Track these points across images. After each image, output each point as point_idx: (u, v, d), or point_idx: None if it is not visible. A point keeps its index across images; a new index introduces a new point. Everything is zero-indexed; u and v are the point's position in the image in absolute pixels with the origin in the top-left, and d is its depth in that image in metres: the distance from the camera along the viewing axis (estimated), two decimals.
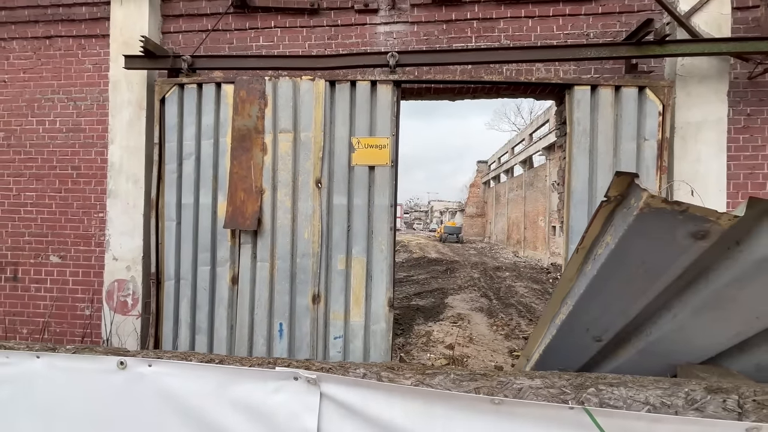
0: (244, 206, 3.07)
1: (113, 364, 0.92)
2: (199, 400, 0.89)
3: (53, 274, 3.66)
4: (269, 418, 0.86)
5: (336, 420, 0.86)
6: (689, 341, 0.95)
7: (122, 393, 0.91)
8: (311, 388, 0.86)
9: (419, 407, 0.84)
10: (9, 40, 3.75)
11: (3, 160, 3.74)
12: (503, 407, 0.81)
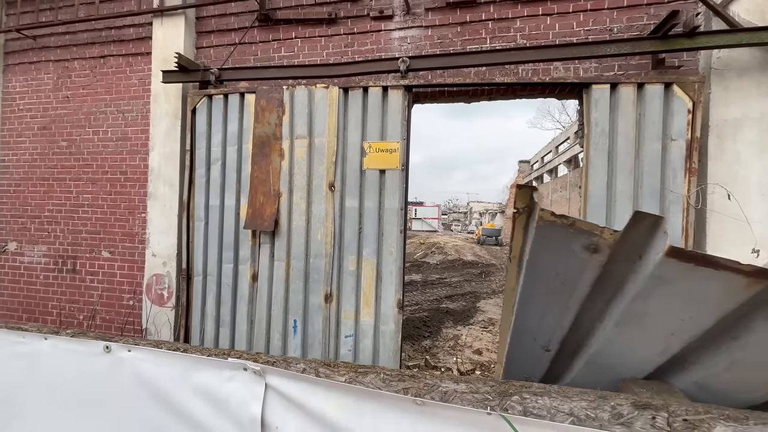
0: (263, 208, 3.26)
1: (100, 348, 1.07)
2: (167, 383, 1.01)
3: (104, 267, 4.11)
4: (223, 403, 0.96)
5: (278, 409, 0.93)
6: (623, 355, 0.91)
7: (107, 372, 1.05)
8: (258, 378, 0.95)
9: (351, 403, 0.90)
10: (71, 60, 4.27)
11: (66, 166, 4.26)
12: (426, 408, 0.84)
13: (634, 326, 0.85)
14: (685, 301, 0.79)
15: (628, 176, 2.71)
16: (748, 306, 0.77)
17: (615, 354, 0.89)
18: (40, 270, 4.31)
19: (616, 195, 2.72)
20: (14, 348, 1.13)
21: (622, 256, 0.85)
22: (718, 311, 0.79)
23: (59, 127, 4.29)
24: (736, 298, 0.77)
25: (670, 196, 2.65)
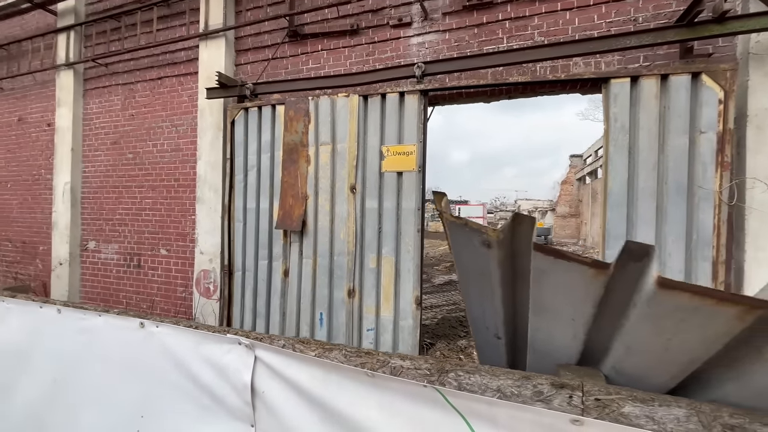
0: (292, 210, 3.55)
1: (137, 324, 1.34)
2: (183, 353, 1.25)
3: (162, 263, 4.68)
4: (223, 370, 1.18)
5: (264, 376, 1.13)
6: (550, 342, 0.95)
7: (141, 343, 1.32)
8: (249, 351, 1.15)
9: (320, 374, 1.07)
10: (135, 83, 4.90)
11: (131, 175, 4.90)
12: (377, 380, 0.98)
13: (545, 313, 0.92)
14: (563, 290, 0.84)
15: (650, 172, 2.60)
16: (610, 294, 0.81)
17: (544, 341, 0.95)
18: (113, 265, 5.01)
19: (638, 192, 2.62)
20: (78, 323, 1.45)
21: (512, 251, 0.92)
22: (591, 299, 0.83)
23: (126, 141, 4.95)
24: (593, 287, 0.81)
25: (699, 192, 2.51)
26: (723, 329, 0.71)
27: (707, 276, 2.48)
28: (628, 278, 0.85)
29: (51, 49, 5.41)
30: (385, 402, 0.96)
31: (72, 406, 1.43)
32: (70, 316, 1.45)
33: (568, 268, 0.81)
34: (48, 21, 5.44)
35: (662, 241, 2.58)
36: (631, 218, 2.65)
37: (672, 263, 2.55)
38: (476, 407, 0.87)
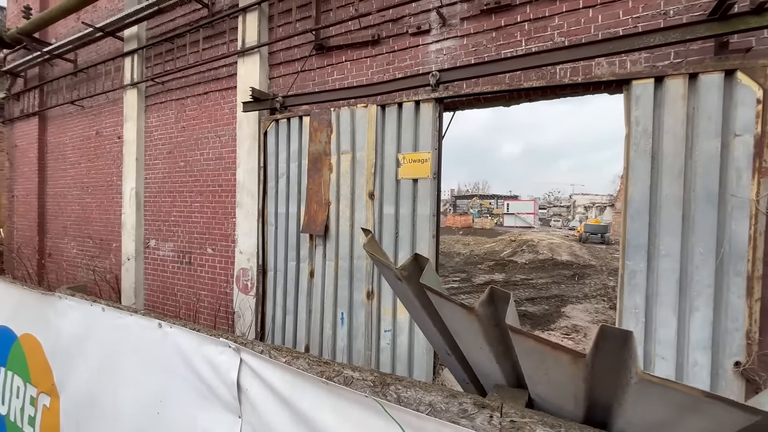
0: (316, 215, 3.78)
1: (156, 325, 1.59)
2: (188, 351, 1.47)
3: (209, 261, 5.19)
4: (217, 368, 1.38)
5: (248, 376, 1.31)
6: (480, 364, 0.99)
7: (160, 340, 1.57)
8: (236, 354, 1.34)
9: (289, 378, 1.22)
10: (185, 98, 5.44)
11: (183, 181, 5.47)
12: (332, 388, 1.11)
13: (460, 339, 0.97)
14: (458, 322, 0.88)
15: (676, 179, 2.43)
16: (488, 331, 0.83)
17: (476, 362, 1.01)
18: (169, 261, 5.64)
19: (661, 200, 2.47)
20: (116, 320, 1.75)
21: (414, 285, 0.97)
22: (477, 334, 0.86)
23: (178, 150, 5.53)
24: (473, 324, 0.82)
25: (732, 201, 2.30)
26: (568, 372, 0.74)
27: (741, 290, 2.28)
28: (490, 317, 0.89)
29: (119, 71, 6.17)
30: (339, 407, 1.10)
31: (114, 387, 1.73)
32: (111, 314, 1.76)
33: (450, 306, 0.88)
34: (117, 46, 6.20)
35: (689, 252, 2.41)
36: (654, 227, 2.50)
37: (700, 276, 2.38)
38: (409, 419, 0.97)
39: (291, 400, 1.18)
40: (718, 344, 2.34)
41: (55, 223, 7.54)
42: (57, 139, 7.49)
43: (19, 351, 2.36)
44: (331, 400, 1.11)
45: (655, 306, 2.49)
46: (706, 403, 0.58)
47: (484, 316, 0.85)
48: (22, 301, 2.36)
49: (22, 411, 2.30)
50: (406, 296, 1.09)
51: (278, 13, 4.53)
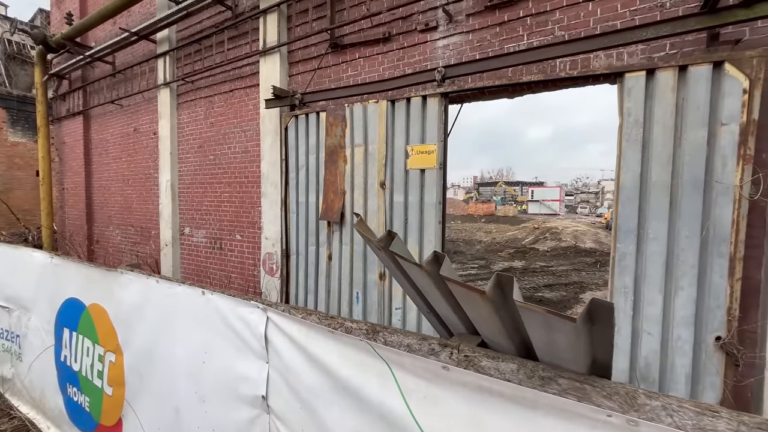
0: (332, 204, 4.12)
1: (200, 293, 1.97)
2: (226, 312, 1.83)
3: (237, 246, 5.67)
4: (248, 325, 1.73)
5: (273, 330, 1.65)
6: (446, 317, 1.26)
7: (203, 305, 1.95)
8: (263, 313, 1.69)
9: (304, 330, 1.55)
10: (213, 96, 5.87)
11: (213, 173, 5.94)
12: (337, 336, 1.43)
13: (427, 292, 1.24)
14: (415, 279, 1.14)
15: (665, 167, 2.58)
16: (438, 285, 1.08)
17: (443, 314, 1.28)
18: (202, 247, 6.17)
19: (650, 187, 2.62)
20: (168, 290, 2.14)
21: (389, 253, 1.23)
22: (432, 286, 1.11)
23: (208, 145, 5.99)
24: (427, 279, 1.07)
25: (717, 187, 2.44)
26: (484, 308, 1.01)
27: (723, 271, 2.43)
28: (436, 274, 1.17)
29: (153, 71, 6.67)
30: (341, 351, 1.42)
31: (168, 343, 2.15)
32: (164, 285, 2.16)
33: (410, 266, 1.16)
34: (150, 48, 6.69)
35: (675, 236, 2.57)
36: (643, 213, 2.67)
37: (685, 258, 2.54)
38: (392, 356, 1.28)
39: (306, 347, 1.52)
40: (701, 321, 2.51)
41: (101, 212, 8.28)
42: (100, 135, 8.17)
43: (88, 318, 2.84)
44: (335, 345, 1.44)
45: (643, 286, 2.68)
46: (550, 318, 0.85)
47: (432, 272, 1.13)
48: (89, 277, 2.83)
49: (92, 367, 2.80)
50: (386, 262, 1.39)
51: (296, 13, 4.81)
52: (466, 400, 1.14)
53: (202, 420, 1.91)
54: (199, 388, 1.93)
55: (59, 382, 3.14)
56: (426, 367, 1.21)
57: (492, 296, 0.97)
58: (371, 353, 1.34)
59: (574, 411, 0.96)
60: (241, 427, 1.76)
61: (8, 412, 3.66)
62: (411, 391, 1.25)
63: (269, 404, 1.67)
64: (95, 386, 2.74)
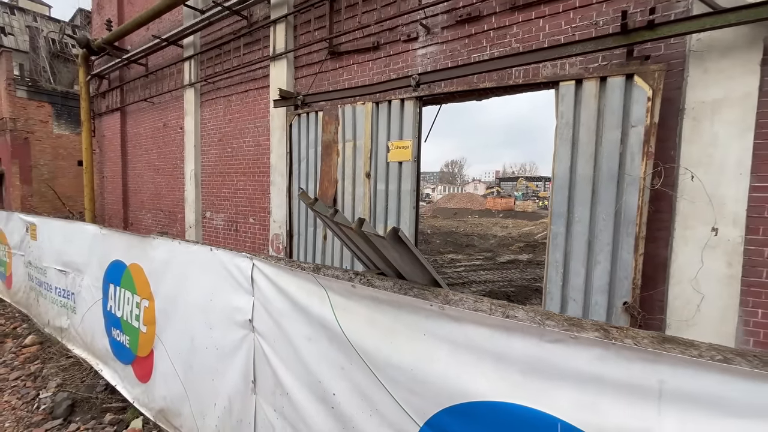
0: (327, 191, 4.80)
1: (209, 249, 2.69)
2: (226, 261, 2.54)
3: (251, 228, 6.46)
4: (241, 270, 2.42)
5: (256, 272, 2.32)
6: (367, 258, 1.87)
7: (211, 258, 2.66)
8: (250, 261, 2.38)
9: (276, 271, 2.24)
10: (231, 95, 6.64)
11: (230, 164, 6.74)
12: (295, 272, 2.10)
13: (344, 241, 1.86)
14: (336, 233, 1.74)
15: (588, 161, 3.10)
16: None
17: (367, 258, 1.92)
18: (221, 229, 7.01)
19: (577, 178, 3.15)
20: (187, 248, 2.88)
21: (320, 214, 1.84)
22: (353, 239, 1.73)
23: (227, 139, 6.78)
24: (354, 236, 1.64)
25: (627, 179, 2.95)
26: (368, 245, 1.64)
27: (630, 248, 2.95)
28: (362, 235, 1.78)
29: (180, 72, 7.52)
30: (297, 282, 2.09)
31: (186, 288, 2.88)
32: (184, 245, 2.89)
33: (326, 221, 1.79)
34: (178, 52, 7.53)
35: (595, 218, 3.10)
36: (571, 199, 3.20)
37: (602, 237, 3.06)
38: (327, 283, 1.94)
39: (277, 282, 2.20)
40: (613, 289, 3.04)
41: (135, 198, 9.32)
42: (134, 130, 9.17)
43: (128, 275, 3.64)
44: (294, 279, 2.11)
45: (571, 260, 3.22)
46: (381, 240, 1.47)
47: (357, 230, 1.78)
48: (129, 243, 3.63)
49: (131, 312, 3.60)
50: (321, 219, 2.04)
51: (300, 23, 5.48)
52: (366, 306, 1.79)
53: (210, 342, 2.64)
54: (208, 318, 2.66)
55: (106, 328, 3.98)
56: (344, 287, 1.86)
57: (359, 232, 1.60)
58: (315, 283, 2.00)
59: (417, 305, 1.60)
60: (236, 343, 2.47)
61: (65, 353, 4.57)
62: (337, 305, 1.91)
63: (254, 325, 2.37)
64: (133, 327, 3.54)
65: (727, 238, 2.72)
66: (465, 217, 33.93)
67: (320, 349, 2.00)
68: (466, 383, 1.47)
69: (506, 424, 1.37)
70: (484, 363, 1.43)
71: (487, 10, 3.86)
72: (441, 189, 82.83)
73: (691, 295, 2.85)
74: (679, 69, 2.93)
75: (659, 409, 1.11)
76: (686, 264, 2.88)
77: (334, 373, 1.93)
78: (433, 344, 1.58)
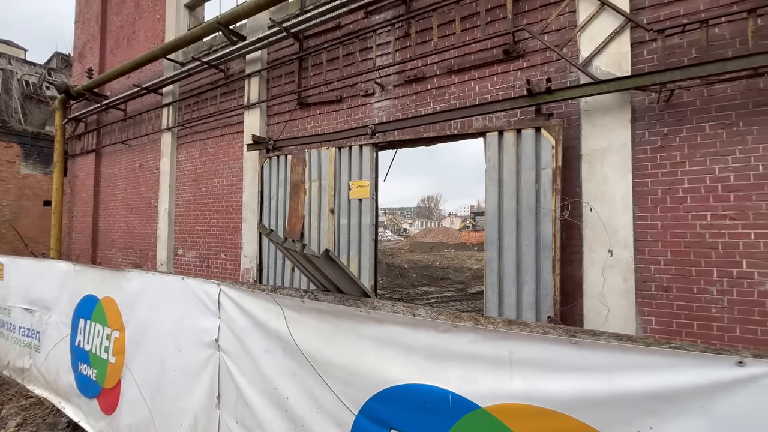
0: (295, 226, 5.21)
1: (180, 279, 3.02)
2: (196, 288, 2.88)
3: (222, 264, 6.69)
4: (209, 295, 2.77)
5: (223, 297, 2.68)
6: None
7: (183, 286, 2.98)
8: (217, 286, 2.74)
9: (239, 294, 2.60)
10: (207, 139, 7.11)
11: (204, 203, 7.07)
12: (256, 293, 2.49)
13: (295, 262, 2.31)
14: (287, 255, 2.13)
15: (512, 197, 3.71)
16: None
17: (314, 277, 2.34)
18: (193, 265, 7.18)
19: (504, 211, 3.74)
20: (161, 279, 3.19)
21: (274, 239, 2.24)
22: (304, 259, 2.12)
23: (201, 179, 7.16)
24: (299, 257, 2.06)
25: (542, 211, 3.55)
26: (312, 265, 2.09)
27: (549, 269, 3.49)
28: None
29: (158, 117, 7.97)
30: (257, 303, 2.46)
31: (158, 315, 3.15)
32: (157, 276, 3.20)
33: (277, 245, 2.23)
34: (157, 98, 8.02)
35: (521, 245, 3.65)
36: (501, 229, 3.76)
37: (527, 260, 3.61)
38: (283, 301, 2.33)
39: (240, 303, 2.55)
40: (539, 305, 3.54)
41: (105, 237, 9.33)
42: (109, 170, 9.38)
43: (100, 308, 3.84)
44: (255, 300, 2.49)
45: (504, 282, 3.72)
46: (318, 260, 1.91)
47: (301, 252, 2.21)
48: (102, 277, 3.86)
49: (100, 345, 3.76)
50: (276, 245, 2.46)
51: (272, 77, 6.14)
52: (313, 318, 2.18)
53: (179, 363, 2.90)
54: (178, 342, 2.93)
55: (72, 363, 4.07)
56: (295, 303, 2.26)
57: (302, 254, 2.04)
58: (272, 301, 2.39)
59: (352, 312, 2.01)
60: (203, 362, 2.75)
61: (26, 394, 4.54)
62: (290, 319, 2.29)
63: (219, 344, 2.68)
64: (102, 359, 3.69)
65: (621, 258, 3.32)
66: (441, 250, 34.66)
67: (276, 359, 2.35)
68: (387, 372, 1.87)
69: (415, 401, 1.77)
70: (399, 353, 1.85)
71: (430, 72, 4.62)
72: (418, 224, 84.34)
73: (601, 308, 3.39)
74: (576, 123, 3.67)
75: (511, 374, 1.56)
76: (595, 281, 3.44)
77: (287, 379, 2.28)
78: (363, 343, 1.99)
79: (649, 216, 3.34)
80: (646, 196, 3.35)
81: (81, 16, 10.60)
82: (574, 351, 1.45)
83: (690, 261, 3.16)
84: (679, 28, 3.18)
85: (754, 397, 1.19)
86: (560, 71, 3.82)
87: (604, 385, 1.38)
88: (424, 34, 4.61)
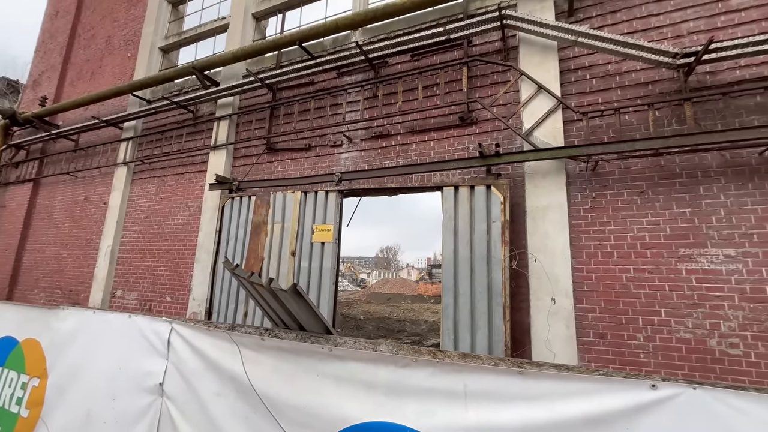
0: (252, 267, 5.09)
1: (127, 316, 2.83)
2: (144, 327, 2.71)
3: (166, 308, 6.21)
4: (158, 334, 2.61)
5: (174, 335, 2.54)
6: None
7: (129, 324, 2.79)
8: (169, 324, 2.61)
9: (193, 332, 2.50)
10: (166, 176, 6.95)
11: (154, 241, 6.70)
12: (212, 332, 2.40)
13: (256, 299, 2.32)
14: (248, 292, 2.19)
15: (466, 246, 3.99)
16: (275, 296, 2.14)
17: (276, 315, 2.34)
18: (131, 308, 6.58)
19: (459, 259, 3.99)
20: (102, 317, 2.95)
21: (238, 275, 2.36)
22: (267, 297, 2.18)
23: (154, 216, 6.86)
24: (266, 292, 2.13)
25: (493, 260, 3.85)
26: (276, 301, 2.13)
27: (500, 316, 3.70)
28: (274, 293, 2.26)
29: (115, 151, 7.71)
30: (213, 342, 2.38)
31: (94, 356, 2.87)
32: (98, 314, 2.96)
33: (242, 281, 2.26)
34: (116, 132, 7.82)
35: (474, 291, 3.87)
36: (456, 276, 3.98)
37: (480, 307, 3.81)
38: (238, 339, 2.28)
39: (193, 343, 2.44)
40: (492, 350, 3.69)
41: (28, 276, 8.34)
42: (46, 202, 8.67)
43: (19, 352, 3.40)
44: (210, 338, 2.40)
45: (459, 327, 3.87)
46: (284, 294, 1.96)
47: (267, 287, 2.23)
48: (27, 316, 3.47)
49: (11, 396, 3.28)
50: (239, 281, 2.46)
51: (243, 122, 6.33)
52: (272, 357, 2.15)
53: (110, 413, 2.62)
54: (113, 388, 2.67)
55: None
56: (254, 341, 2.22)
57: (269, 289, 2.07)
58: (229, 340, 2.33)
59: (313, 350, 2.03)
60: (142, 411, 2.52)
61: None
62: (247, 359, 2.23)
63: (164, 389, 2.49)
64: (11, 413, 3.20)
65: (563, 306, 3.64)
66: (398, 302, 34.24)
67: (228, 403, 2.24)
68: (345, 410, 1.88)
69: None
70: (358, 390, 1.88)
71: (395, 131, 5.06)
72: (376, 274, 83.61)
73: (547, 354, 3.60)
74: (521, 183, 4.15)
75: (466, 405, 1.66)
76: (541, 328, 3.69)
77: (239, 425, 2.17)
78: (322, 382, 1.99)
79: (584, 268, 3.74)
80: (582, 250, 3.78)
81: (43, 46, 10.39)
82: (521, 381, 1.59)
83: (620, 310, 3.54)
84: (598, 113, 3.87)
85: (667, 417, 1.38)
86: (507, 138, 4.39)
87: (546, 413, 1.52)
88: (390, 97, 5.11)
